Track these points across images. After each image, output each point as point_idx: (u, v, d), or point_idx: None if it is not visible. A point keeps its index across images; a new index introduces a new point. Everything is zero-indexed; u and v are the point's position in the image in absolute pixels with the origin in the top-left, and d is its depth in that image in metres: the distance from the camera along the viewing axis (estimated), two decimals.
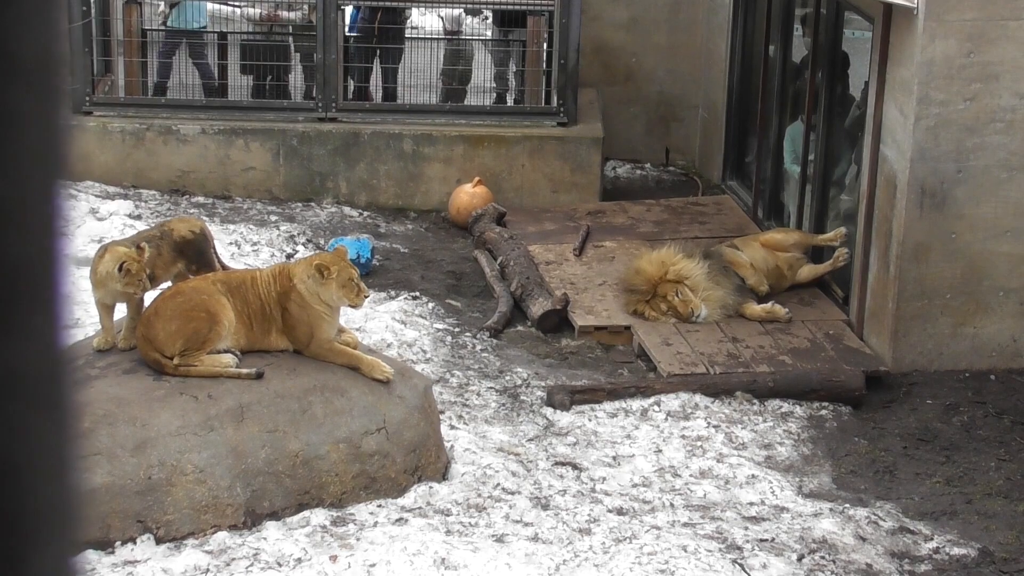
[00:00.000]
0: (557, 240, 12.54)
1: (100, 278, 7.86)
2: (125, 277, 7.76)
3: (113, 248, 7.96)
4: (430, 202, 13.57)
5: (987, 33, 9.89)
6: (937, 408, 9.90)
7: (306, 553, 7.37)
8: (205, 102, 13.90)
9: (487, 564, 7.28)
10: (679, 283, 10.90)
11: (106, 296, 7.99)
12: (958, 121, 9.98)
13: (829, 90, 11.66)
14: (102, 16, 13.64)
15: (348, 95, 14.06)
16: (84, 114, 13.50)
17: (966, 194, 10.11)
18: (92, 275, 7.94)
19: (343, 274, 7.91)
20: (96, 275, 7.88)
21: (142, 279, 7.82)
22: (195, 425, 7.63)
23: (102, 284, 7.89)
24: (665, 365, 10.23)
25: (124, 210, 12.56)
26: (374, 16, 14.79)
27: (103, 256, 7.90)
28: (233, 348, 7.93)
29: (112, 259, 7.82)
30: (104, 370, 7.89)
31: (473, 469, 8.44)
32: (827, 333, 10.84)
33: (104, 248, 8.04)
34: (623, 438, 9.21)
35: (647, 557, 7.49)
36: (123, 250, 7.88)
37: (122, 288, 7.83)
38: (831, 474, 9.03)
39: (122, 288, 7.83)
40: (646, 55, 15.01)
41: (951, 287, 10.25)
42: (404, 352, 10.12)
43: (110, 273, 7.79)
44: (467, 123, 13.75)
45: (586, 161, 13.63)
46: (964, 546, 8.12)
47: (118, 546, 7.37)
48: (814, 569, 7.67)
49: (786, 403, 9.84)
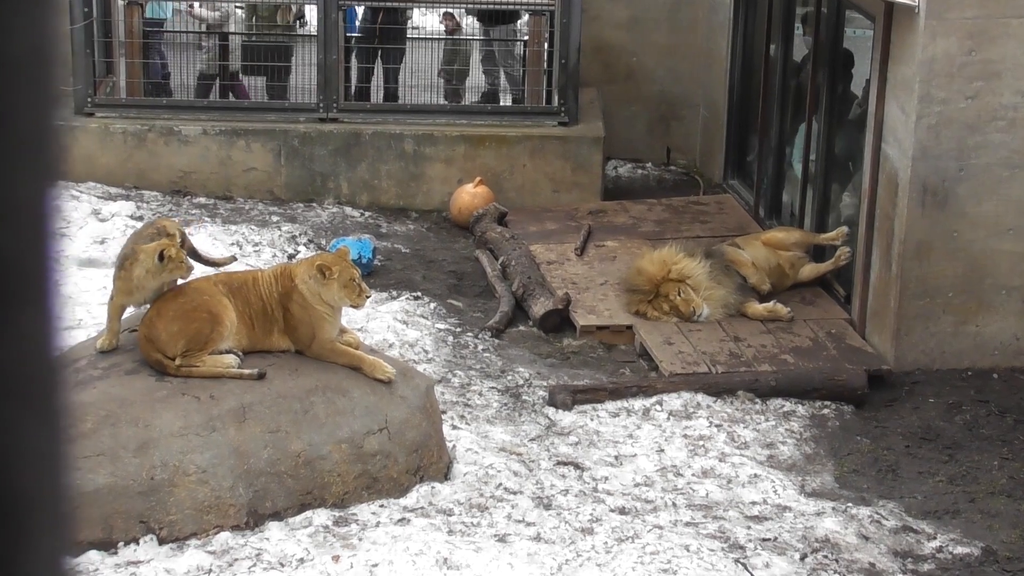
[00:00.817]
0: (559, 240, 12.54)
1: (139, 281, 7.80)
2: (169, 264, 7.76)
3: (139, 250, 7.88)
4: (431, 202, 13.57)
5: (988, 31, 9.88)
6: (940, 407, 9.89)
7: (308, 553, 7.37)
8: (206, 103, 13.90)
9: (489, 564, 7.28)
10: (681, 282, 10.89)
11: (140, 297, 7.95)
12: (960, 119, 9.97)
13: (830, 89, 11.66)
14: (103, 17, 13.64)
15: (349, 95, 14.07)
16: (86, 115, 13.50)
17: (968, 192, 10.10)
18: (124, 283, 7.86)
19: (345, 274, 7.91)
20: (132, 281, 7.81)
21: (183, 259, 7.86)
22: (197, 426, 7.63)
23: (141, 287, 7.82)
24: (667, 364, 10.23)
25: (126, 211, 12.56)
26: (375, 16, 14.80)
27: (132, 262, 7.83)
28: (235, 348, 7.92)
29: (146, 258, 7.78)
30: (106, 371, 7.88)
31: (475, 469, 8.43)
32: (829, 332, 10.84)
33: (125, 258, 7.95)
34: (625, 438, 9.21)
35: (649, 556, 7.49)
36: (151, 245, 7.86)
37: (169, 275, 7.82)
38: (833, 473, 9.02)
39: (169, 275, 7.82)
40: (647, 54, 15.01)
41: (953, 285, 10.24)
42: (406, 352, 10.11)
43: (150, 270, 7.77)
44: (468, 123, 13.75)
45: (587, 160, 13.63)
46: (967, 545, 8.12)
47: (121, 547, 7.37)
48: (817, 568, 7.66)
49: (788, 402, 9.83)
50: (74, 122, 13.45)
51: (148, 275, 7.78)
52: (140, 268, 7.78)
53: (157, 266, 7.74)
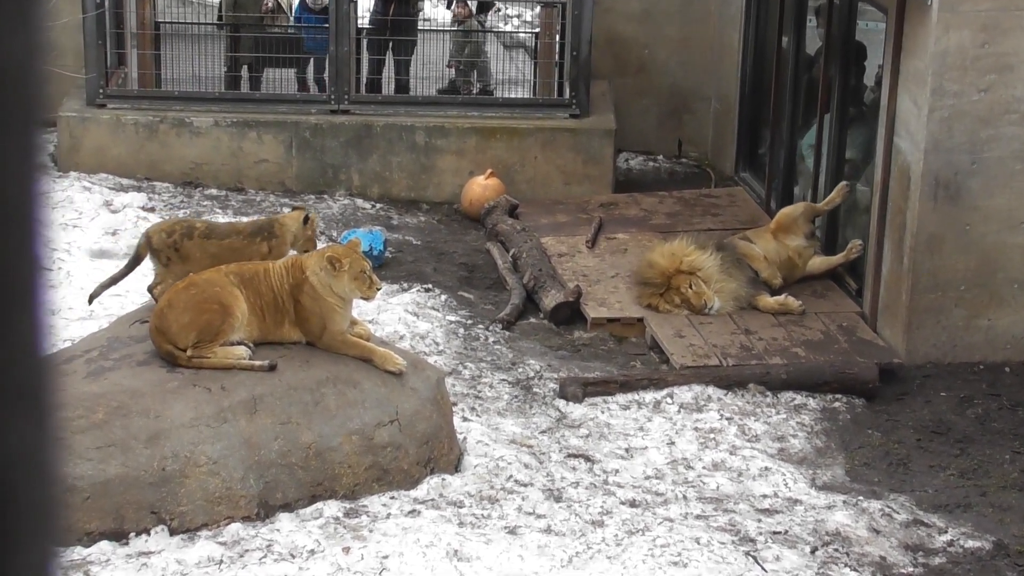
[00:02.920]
0: (570, 232, 12.53)
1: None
2: (309, 228, 8.59)
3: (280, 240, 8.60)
4: (443, 194, 13.57)
5: (1002, 23, 9.85)
6: (951, 400, 9.87)
7: (319, 545, 7.38)
8: (218, 94, 13.91)
9: (500, 556, 7.28)
10: (692, 275, 10.88)
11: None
12: (972, 112, 9.94)
13: (843, 82, 11.63)
14: (115, 9, 13.64)
15: (360, 87, 14.07)
16: (98, 107, 13.51)
17: (980, 185, 10.08)
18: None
19: (355, 266, 7.91)
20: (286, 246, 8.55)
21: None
22: (208, 417, 7.64)
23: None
24: (678, 357, 10.22)
25: (137, 202, 12.58)
26: (387, 8, 14.79)
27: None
28: (246, 340, 7.93)
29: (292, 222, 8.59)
30: (118, 362, 7.90)
31: (486, 461, 8.44)
32: (840, 325, 10.82)
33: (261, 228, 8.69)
34: (636, 430, 9.21)
35: (660, 549, 7.48)
36: (294, 223, 8.59)
37: (304, 240, 8.56)
38: (844, 466, 9.01)
39: (304, 240, 8.56)
40: (658, 47, 14.99)
41: (965, 279, 10.21)
42: (417, 344, 10.12)
43: (297, 234, 8.56)
44: (479, 115, 13.75)
45: (598, 153, 13.61)
46: (978, 539, 8.10)
47: (132, 537, 7.38)
48: (827, 561, 7.65)
49: (799, 395, 9.82)
50: (86, 113, 13.47)
51: (297, 235, 8.59)
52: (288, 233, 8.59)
53: (302, 229, 8.55)
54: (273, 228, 8.65)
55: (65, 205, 12.36)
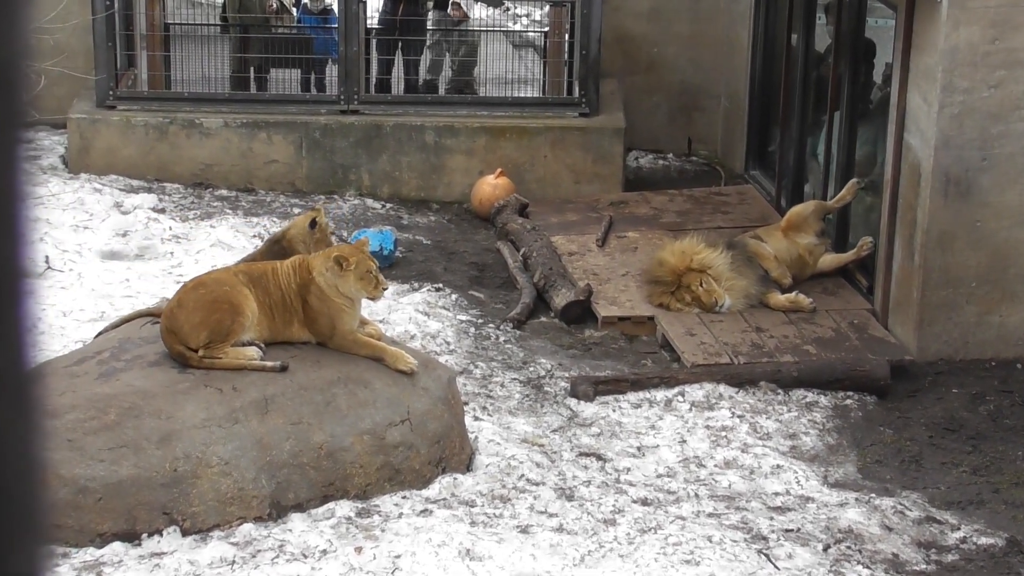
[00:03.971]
0: (580, 231, 12.53)
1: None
2: (319, 232, 8.53)
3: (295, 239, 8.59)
4: (452, 194, 13.57)
5: (1012, 19, 9.83)
6: (963, 397, 9.85)
7: (331, 545, 7.39)
8: (228, 95, 13.92)
9: (512, 555, 7.28)
10: (703, 273, 10.88)
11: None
12: (982, 108, 9.92)
13: (852, 79, 11.61)
14: (125, 10, 13.66)
15: (370, 87, 14.08)
16: (108, 108, 13.53)
17: (991, 182, 10.05)
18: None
19: (361, 266, 7.90)
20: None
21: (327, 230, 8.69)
22: (220, 417, 7.65)
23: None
24: (689, 355, 10.21)
25: (148, 203, 12.60)
26: (396, 8, 14.79)
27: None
28: (256, 340, 7.93)
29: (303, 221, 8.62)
30: (129, 363, 7.91)
31: (497, 460, 8.43)
32: (852, 322, 10.80)
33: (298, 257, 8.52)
34: (647, 429, 9.20)
35: (672, 548, 7.48)
36: (299, 232, 8.57)
37: (315, 243, 8.48)
38: (856, 464, 9.00)
39: (315, 243, 8.48)
40: (668, 45, 14.97)
41: (976, 275, 10.19)
42: (428, 343, 10.12)
43: (306, 240, 8.51)
44: (489, 114, 13.75)
45: (608, 151, 13.61)
46: (991, 536, 8.09)
47: (144, 538, 7.39)
48: (840, 559, 7.64)
49: (811, 393, 9.81)
50: (96, 115, 13.49)
51: (302, 234, 8.57)
52: (295, 230, 8.61)
53: (308, 232, 8.51)
54: (281, 244, 8.66)
55: (76, 207, 12.38)
